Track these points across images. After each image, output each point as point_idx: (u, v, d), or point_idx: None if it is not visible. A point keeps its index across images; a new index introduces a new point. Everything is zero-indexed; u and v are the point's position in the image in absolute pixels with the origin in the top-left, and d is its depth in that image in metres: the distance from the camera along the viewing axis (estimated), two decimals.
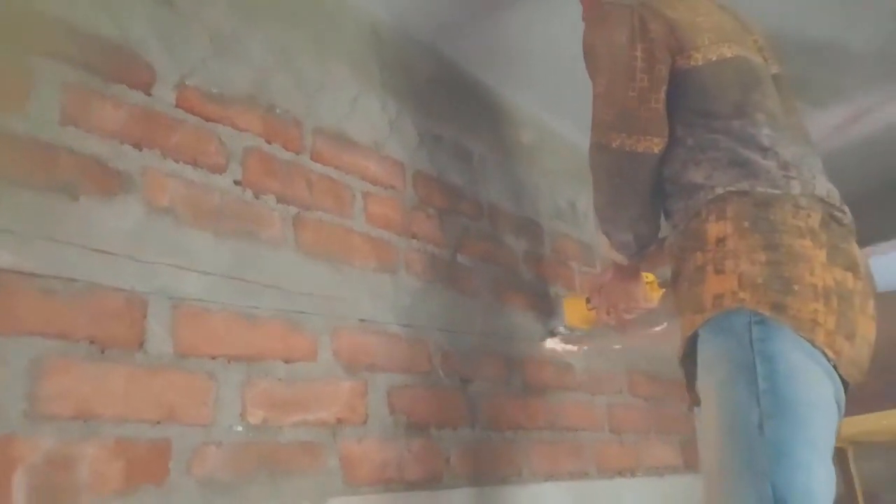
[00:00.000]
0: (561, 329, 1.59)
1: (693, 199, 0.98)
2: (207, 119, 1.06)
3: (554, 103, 1.86)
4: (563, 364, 1.62)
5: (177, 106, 1.02)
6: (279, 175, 1.14)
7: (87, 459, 0.79)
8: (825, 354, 0.85)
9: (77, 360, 0.81)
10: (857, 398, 0.96)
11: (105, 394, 0.83)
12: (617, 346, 1.71)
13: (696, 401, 0.98)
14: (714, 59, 0.99)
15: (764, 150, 0.95)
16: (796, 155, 0.97)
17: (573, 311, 1.52)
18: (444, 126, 1.55)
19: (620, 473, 1.64)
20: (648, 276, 1.34)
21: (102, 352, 0.84)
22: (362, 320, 1.18)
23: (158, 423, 0.86)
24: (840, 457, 1.57)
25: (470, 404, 1.32)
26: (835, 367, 0.86)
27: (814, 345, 0.84)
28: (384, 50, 1.45)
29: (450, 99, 1.60)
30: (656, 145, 1.02)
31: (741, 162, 0.95)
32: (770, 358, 0.84)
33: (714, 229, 0.93)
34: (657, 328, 1.45)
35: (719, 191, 0.95)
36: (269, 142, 1.14)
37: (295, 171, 1.16)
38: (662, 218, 1.13)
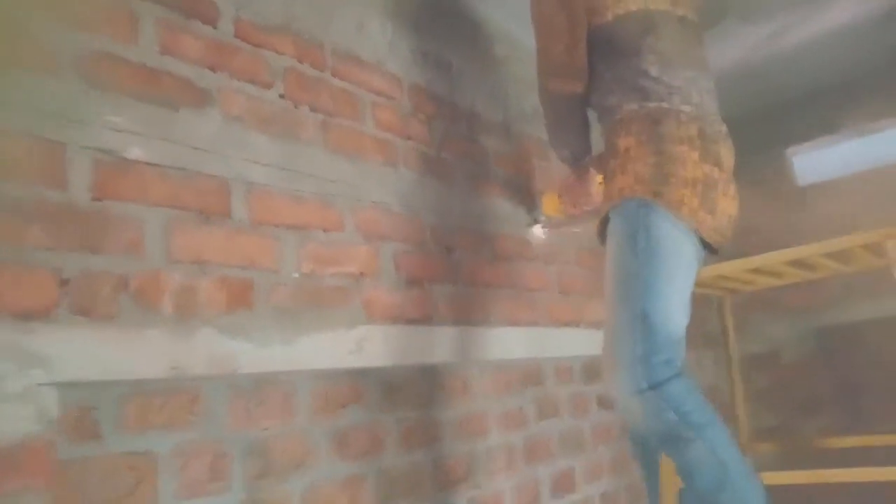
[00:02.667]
0: (542, 218, 2.08)
1: (610, 117, 1.37)
2: (257, 46, 1.37)
3: (524, 18, 2.15)
4: (523, 239, 2.04)
5: (235, 36, 1.34)
6: (310, 89, 1.47)
7: (203, 290, 1.18)
8: (688, 225, 1.26)
9: (191, 224, 1.19)
10: None
11: (211, 247, 1.21)
12: (578, 230, 2.19)
13: None
14: (621, 13, 1.35)
15: (654, 80, 1.32)
16: (686, 79, 1.34)
17: (549, 204, 2.00)
18: (430, 43, 1.86)
19: (567, 324, 2.12)
20: (601, 178, 1.75)
21: (207, 219, 1.21)
22: (374, 202, 1.56)
23: (245, 268, 1.25)
24: (719, 304, 2.05)
25: (453, 267, 1.75)
26: (696, 233, 1.27)
27: (680, 219, 1.24)
28: None
29: (435, 18, 1.90)
30: (578, 87, 1.41)
31: (639, 88, 1.33)
32: (647, 228, 1.23)
33: (623, 142, 1.32)
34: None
35: (625, 108, 1.33)
36: (300, 62, 1.46)
37: (321, 86, 1.50)
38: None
